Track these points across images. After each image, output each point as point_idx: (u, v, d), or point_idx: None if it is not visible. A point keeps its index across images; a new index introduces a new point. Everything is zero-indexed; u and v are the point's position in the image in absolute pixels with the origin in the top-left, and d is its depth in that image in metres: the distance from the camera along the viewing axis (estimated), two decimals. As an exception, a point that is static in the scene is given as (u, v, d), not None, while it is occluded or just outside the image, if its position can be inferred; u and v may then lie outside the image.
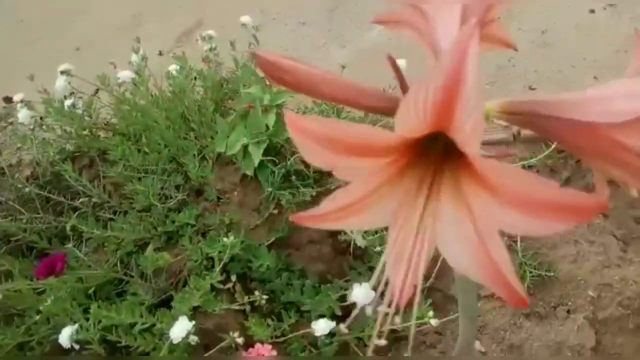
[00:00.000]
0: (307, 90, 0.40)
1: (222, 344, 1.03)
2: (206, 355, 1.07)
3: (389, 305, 0.32)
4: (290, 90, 0.38)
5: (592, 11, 2.10)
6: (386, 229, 0.35)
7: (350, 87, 0.39)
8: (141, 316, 1.08)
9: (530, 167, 1.31)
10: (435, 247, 0.32)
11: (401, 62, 1.28)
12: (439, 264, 0.94)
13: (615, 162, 0.36)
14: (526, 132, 1.12)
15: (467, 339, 0.84)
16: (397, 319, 0.33)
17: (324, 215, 0.33)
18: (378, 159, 0.31)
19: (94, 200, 1.42)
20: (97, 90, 1.61)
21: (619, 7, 2.07)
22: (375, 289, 0.35)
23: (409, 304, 0.33)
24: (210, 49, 1.51)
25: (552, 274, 1.14)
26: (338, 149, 0.30)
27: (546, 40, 2.03)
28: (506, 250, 0.28)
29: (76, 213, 1.38)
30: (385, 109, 0.38)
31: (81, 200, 1.43)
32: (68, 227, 1.31)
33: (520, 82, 1.89)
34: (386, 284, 0.33)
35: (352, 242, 1.19)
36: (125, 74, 1.36)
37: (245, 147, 1.32)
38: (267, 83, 1.44)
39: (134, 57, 1.41)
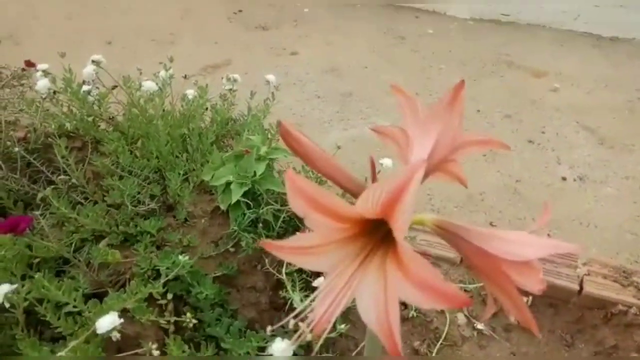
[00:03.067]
0: (306, 159, 0.52)
1: (138, 350, 1.07)
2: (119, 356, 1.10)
3: (308, 327, 0.43)
4: (291, 154, 0.50)
5: (564, 179, 2.34)
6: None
7: (337, 168, 0.52)
8: (74, 300, 1.11)
9: (466, 290, 1.43)
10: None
11: (387, 161, 1.44)
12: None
13: (501, 290, 0.47)
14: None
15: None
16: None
17: (285, 248, 0.44)
18: (339, 223, 0.43)
19: (72, 181, 1.48)
20: (114, 87, 1.72)
21: (586, 182, 2.31)
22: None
23: (319, 335, 0.43)
24: (231, 90, 1.65)
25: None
26: (315, 206, 0.42)
27: (517, 188, 2.24)
28: (399, 315, 0.40)
29: (51, 187, 1.43)
30: (354, 192, 0.50)
31: (60, 177, 1.49)
32: (39, 197, 1.36)
33: (483, 216, 2.06)
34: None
35: (289, 302, 1.27)
36: (149, 84, 1.48)
37: (228, 184, 1.42)
38: (268, 137, 1.58)
39: (162, 73, 1.54)
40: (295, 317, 0.44)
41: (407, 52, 3.66)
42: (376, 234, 0.45)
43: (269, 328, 0.50)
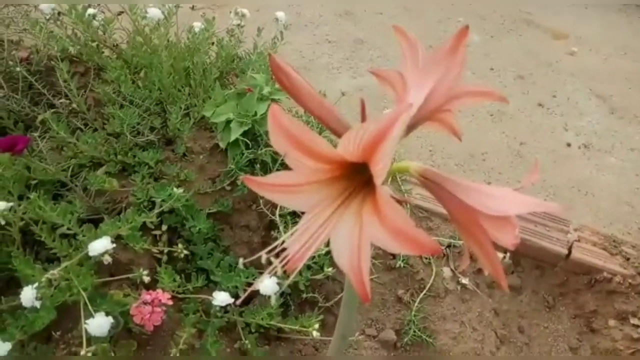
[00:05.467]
0: (295, 97, 0.51)
1: (129, 275, 1.10)
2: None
3: (280, 262, 0.44)
4: (290, 97, 0.49)
5: (569, 145, 2.32)
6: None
7: (326, 108, 0.51)
8: (69, 222, 1.14)
9: (455, 246, 1.46)
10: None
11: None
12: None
13: (477, 242, 0.48)
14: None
15: (334, 355, 0.96)
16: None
17: (266, 185, 0.44)
18: (320, 163, 0.43)
19: (72, 106, 1.48)
20: (120, 12, 1.68)
21: (590, 150, 2.29)
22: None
23: (291, 271, 0.44)
24: (238, 25, 1.61)
25: (430, 340, 1.27)
26: (296, 145, 0.42)
27: (520, 151, 2.23)
28: (369, 258, 0.40)
29: (52, 110, 1.43)
30: (341, 134, 0.49)
31: (61, 101, 1.48)
32: (39, 119, 1.36)
33: (482, 175, 2.06)
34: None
35: (281, 242, 1.29)
36: (154, 12, 1.44)
37: (228, 122, 1.41)
38: (272, 77, 1.55)
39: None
40: (271, 251, 0.45)
41: (426, 1, 3.53)
42: (358, 178, 0.45)
43: (240, 259, 0.51)
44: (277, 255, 0.44)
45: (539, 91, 2.68)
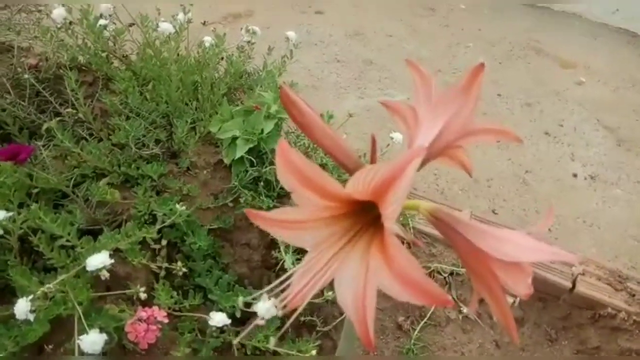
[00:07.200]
0: (304, 128, 0.50)
1: (126, 291, 1.08)
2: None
3: (282, 302, 0.42)
4: (300, 130, 0.48)
5: (575, 175, 2.30)
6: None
7: (336, 142, 0.50)
8: (69, 234, 1.12)
9: (457, 274, 1.43)
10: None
11: (398, 136, 1.41)
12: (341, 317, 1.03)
13: (488, 289, 0.46)
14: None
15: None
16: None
17: (270, 220, 0.43)
18: (327, 201, 0.41)
19: (79, 115, 1.47)
20: (131, 24, 1.68)
21: (597, 181, 2.27)
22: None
23: (293, 310, 0.42)
24: (249, 42, 1.61)
25: (429, 372, 1.24)
26: (304, 182, 0.40)
27: (526, 179, 2.21)
28: (374, 304, 0.39)
29: (58, 118, 1.42)
30: (350, 169, 0.48)
31: (67, 109, 1.48)
32: (44, 127, 1.35)
33: (487, 202, 2.04)
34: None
35: (281, 263, 1.27)
36: (166, 26, 1.44)
37: (234, 138, 1.41)
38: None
39: (180, 16, 1.50)
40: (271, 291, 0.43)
41: (436, 25, 3.54)
42: (365, 216, 0.43)
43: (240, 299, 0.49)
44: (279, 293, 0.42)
45: (546, 119, 2.68)
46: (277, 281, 0.44)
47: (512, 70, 3.11)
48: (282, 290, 0.44)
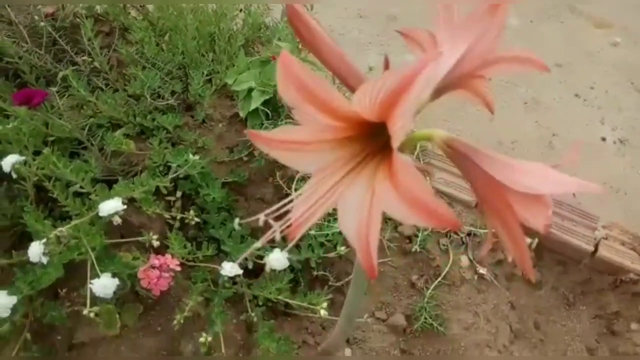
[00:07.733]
0: (313, 48, 0.47)
1: (139, 238, 1.08)
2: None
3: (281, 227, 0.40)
4: (321, 67, 0.45)
5: (604, 139, 2.21)
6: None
7: (346, 62, 0.46)
8: (83, 180, 1.12)
9: (475, 235, 1.40)
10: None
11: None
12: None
13: (503, 223, 0.43)
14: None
15: (339, 335, 0.92)
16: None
17: (270, 140, 0.40)
18: (332, 119, 0.38)
19: (94, 64, 1.46)
20: (149, -28, 1.64)
21: (626, 146, 2.18)
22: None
23: (292, 238, 0.40)
24: (267, -8, 1.56)
25: (442, 329, 1.23)
26: (307, 97, 0.37)
27: (552, 142, 2.13)
28: (379, 228, 0.36)
29: (73, 67, 1.41)
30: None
31: (83, 58, 1.47)
32: (60, 75, 1.34)
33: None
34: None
35: (282, 204, 1.25)
36: (181, -27, 1.40)
37: (250, 90, 1.37)
38: (299, 47, 1.50)
39: (197, -38, 1.45)
40: (271, 214, 0.41)
41: (464, -18, 3.39)
42: (373, 142, 0.40)
43: (236, 220, 0.47)
44: (278, 218, 0.40)
45: (576, 81, 2.56)
46: (279, 204, 0.41)
47: (544, 29, 2.97)
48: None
